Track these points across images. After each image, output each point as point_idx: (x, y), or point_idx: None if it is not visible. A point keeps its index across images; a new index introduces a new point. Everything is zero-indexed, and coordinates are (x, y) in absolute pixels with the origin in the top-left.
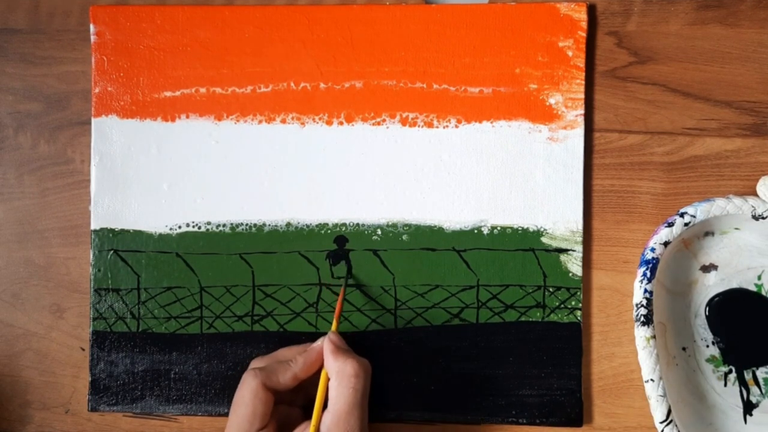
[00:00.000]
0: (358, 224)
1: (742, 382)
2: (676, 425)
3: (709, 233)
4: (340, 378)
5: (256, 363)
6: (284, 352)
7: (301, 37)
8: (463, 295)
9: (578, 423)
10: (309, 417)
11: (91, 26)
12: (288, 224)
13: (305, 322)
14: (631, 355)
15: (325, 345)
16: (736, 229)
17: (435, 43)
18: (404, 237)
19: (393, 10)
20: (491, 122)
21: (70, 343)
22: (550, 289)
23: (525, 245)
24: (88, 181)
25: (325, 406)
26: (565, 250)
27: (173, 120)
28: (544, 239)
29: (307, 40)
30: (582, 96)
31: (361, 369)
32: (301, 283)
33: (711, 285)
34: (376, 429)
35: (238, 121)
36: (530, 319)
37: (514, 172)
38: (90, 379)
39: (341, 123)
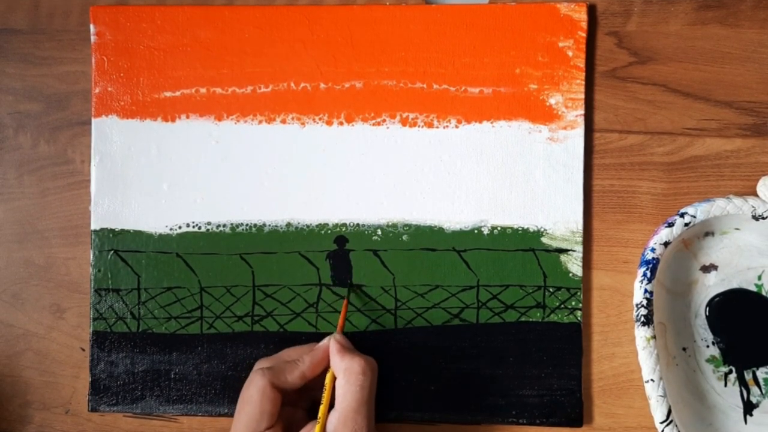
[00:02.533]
0: (358, 224)
1: (743, 383)
2: (676, 425)
3: (709, 233)
4: (347, 376)
5: (262, 363)
6: (289, 353)
7: (301, 37)
8: (463, 296)
9: (578, 423)
10: (313, 419)
11: (91, 26)
12: (288, 224)
13: (305, 322)
14: (631, 356)
15: (332, 345)
16: (736, 229)
17: (435, 43)
18: (404, 237)
19: (393, 10)
20: (491, 122)
21: (70, 344)
22: (550, 290)
23: (525, 245)
24: (88, 181)
25: (331, 406)
26: (565, 250)
27: (173, 120)
28: (544, 239)
29: (307, 40)
30: (582, 96)
31: (368, 367)
32: (301, 283)
33: (711, 285)
34: (376, 429)
35: (238, 121)
36: (530, 320)
37: (514, 172)
38: (90, 379)
39: (341, 123)
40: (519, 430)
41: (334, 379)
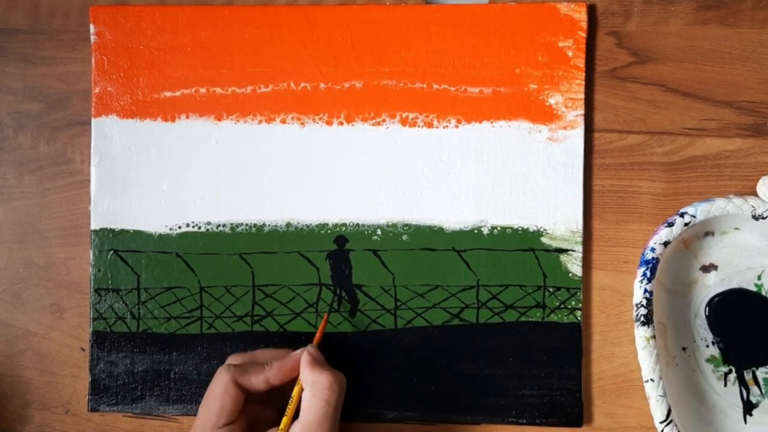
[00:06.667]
0: (358, 224)
1: (742, 382)
2: (676, 425)
3: (709, 233)
4: (314, 389)
5: (233, 359)
6: (264, 353)
7: (301, 37)
8: (463, 295)
9: (578, 423)
10: (282, 419)
11: (91, 26)
12: (288, 224)
13: (305, 322)
14: (631, 355)
15: (303, 357)
16: (736, 229)
17: (435, 43)
18: (404, 237)
19: (393, 10)
20: (491, 122)
21: (70, 343)
22: (550, 290)
23: (525, 245)
24: (88, 181)
25: (297, 417)
26: (565, 250)
27: (173, 120)
28: (544, 239)
29: (307, 40)
30: (582, 96)
31: (336, 383)
32: (301, 283)
33: (711, 285)
34: (377, 429)
35: (238, 121)
36: (530, 320)
37: (514, 172)
38: (90, 379)
39: (341, 123)
40: (519, 430)
41: (302, 391)
